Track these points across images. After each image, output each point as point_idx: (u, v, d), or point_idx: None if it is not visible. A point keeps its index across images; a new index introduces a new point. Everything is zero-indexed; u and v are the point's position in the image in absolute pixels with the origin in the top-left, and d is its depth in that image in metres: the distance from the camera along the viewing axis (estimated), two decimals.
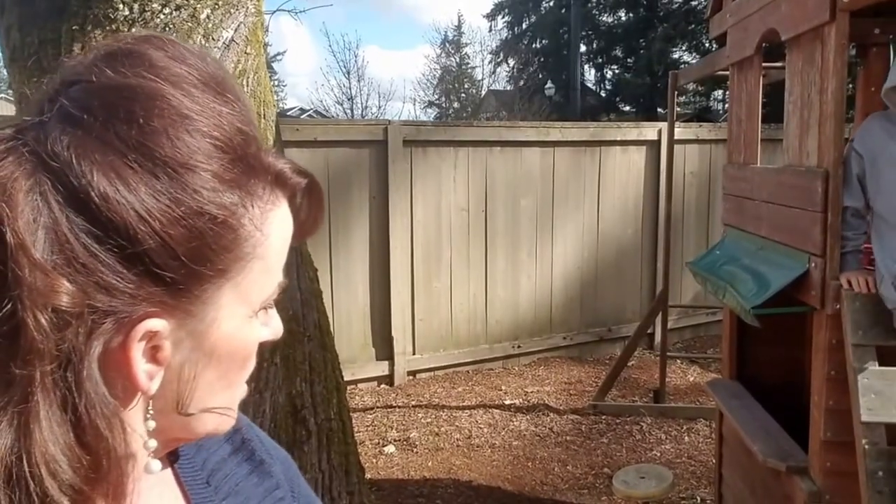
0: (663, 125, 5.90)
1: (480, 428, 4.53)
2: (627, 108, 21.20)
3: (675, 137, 5.74)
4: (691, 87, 17.98)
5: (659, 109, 18.59)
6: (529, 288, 5.64)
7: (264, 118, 2.39)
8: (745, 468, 3.09)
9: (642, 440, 4.39)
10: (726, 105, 19.34)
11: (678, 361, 5.63)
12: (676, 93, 4.82)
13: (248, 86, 2.24)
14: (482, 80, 28.07)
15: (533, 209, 5.58)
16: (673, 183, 5.76)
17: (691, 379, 5.38)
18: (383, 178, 4.97)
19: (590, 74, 23.27)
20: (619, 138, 5.75)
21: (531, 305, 5.66)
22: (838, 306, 2.31)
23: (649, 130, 5.86)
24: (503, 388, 5.24)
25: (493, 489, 3.68)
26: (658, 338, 5.82)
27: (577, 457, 4.17)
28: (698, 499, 3.68)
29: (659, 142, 5.80)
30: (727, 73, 3.53)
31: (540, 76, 22.40)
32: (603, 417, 4.69)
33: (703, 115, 18.33)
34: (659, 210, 5.84)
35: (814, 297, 2.41)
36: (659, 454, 4.19)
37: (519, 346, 5.64)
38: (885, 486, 2.01)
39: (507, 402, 4.97)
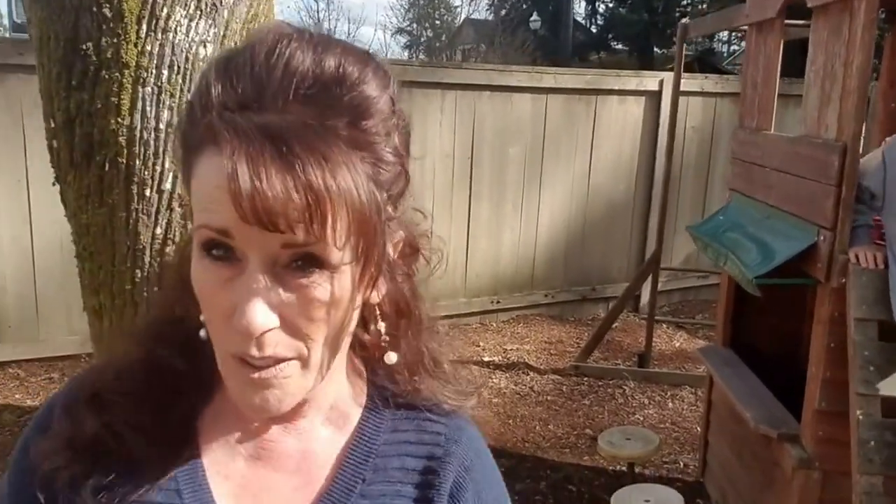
0: (666, 75, 6.08)
1: None
2: (619, 46, 21.20)
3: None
4: None
5: (655, 49, 18.64)
6: (513, 241, 5.85)
7: None
8: (734, 435, 3.38)
9: (625, 404, 4.69)
10: (732, 47, 19.27)
11: (664, 326, 5.93)
12: (674, 33, 4.92)
13: None
14: (459, 7, 27.77)
15: (521, 159, 5.75)
16: (671, 135, 5.97)
17: (677, 345, 5.70)
18: None
19: (579, 7, 23.22)
20: (617, 87, 5.90)
21: (513, 260, 5.88)
22: (843, 280, 2.56)
23: (650, 80, 6.02)
24: (481, 344, 5.49)
25: None
26: (644, 300, 6.13)
27: (558, 417, 4.45)
28: (681, 464, 3.99)
29: (660, 93, 5.98)
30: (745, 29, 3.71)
31: (524, 6, 22.26)
32: (585, 379, 4.98)
33: (705, 57, 18.38)
34: (655, 166, 6.06)
35: (819, 270, 2.65)
36: (642, 419, 4.50)
37: (498, 302, 5.88)
38: (875, 454, 2.28)
39: (486, 358, 5.22)
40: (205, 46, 2.55)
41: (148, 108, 2.49)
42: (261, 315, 0.58)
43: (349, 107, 0.61)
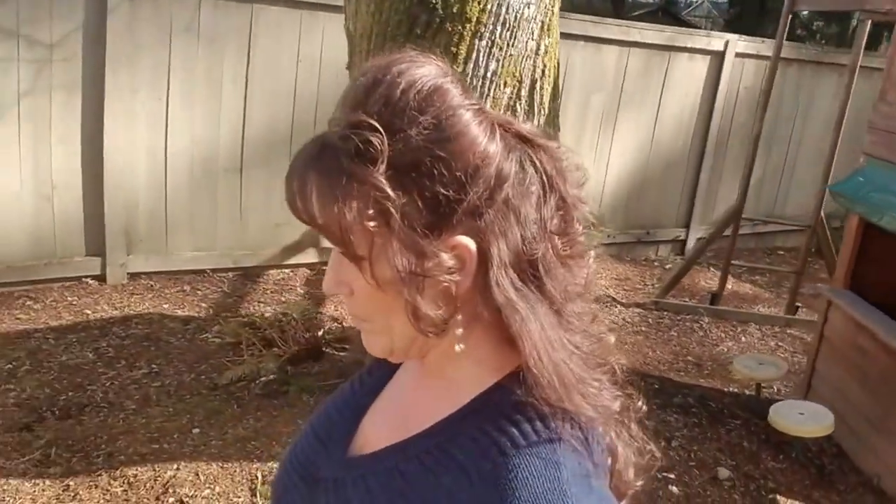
0: (730, 37, 6.66)
1: None
2: None
3: (737, 51, 6.51)
4: None
5: None
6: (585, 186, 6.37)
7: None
8: (854, 362, 4.07)
9: (705, 337, 5.37)
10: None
11: (712, 270, 6.63)
12: None
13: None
14: None
15: (600, 108, 6.24)
16: (727, 96, 6.60)
17: (729, 287, 6.38)
18: None
19: None
20: (689, 45, 6.43)
21: None
22: None
23: (717, 41, 6.56)
24: None
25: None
26: (689, 245, 6.86)
27: (658, 345, 5.09)
28: (775, 388, 4.69)
29: (723, 53, 6.54)
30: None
31: None
32: (665, 314, 5.63)
33: (669, 8, 18.99)
34: (711, 125, 6.68)
35: None
36: (725, 349, 5.18)
37: None
38: None
39: None
40: (529, 7, 2.96)
41: (481, 59, 2.91)
42: (325, 283, 0.83)
43: (353, 145, 0.73)
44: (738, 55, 6.60)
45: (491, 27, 2.90)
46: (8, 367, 3.94)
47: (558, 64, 3.39)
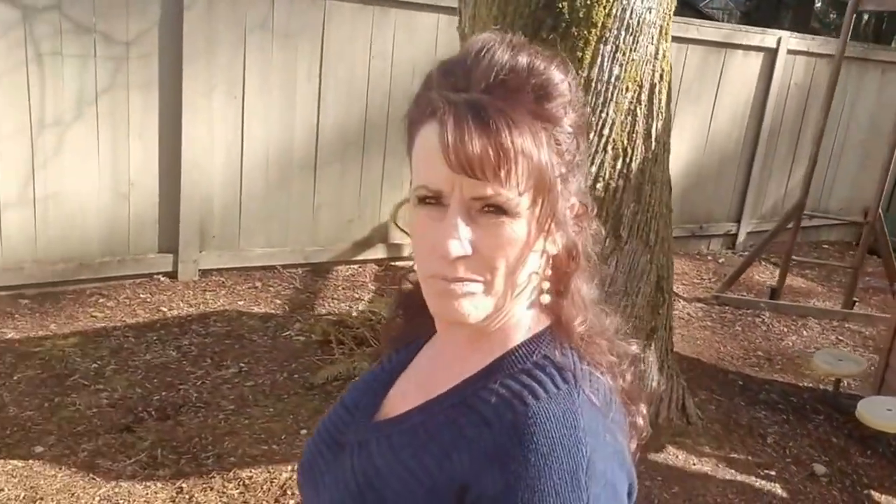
0: (783, 34, 6.66)
1: None
2: None
3: (789, 48, 6.52)
4: None
5: None
6: None
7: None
8: None
9: (768, 331, 5.40)
10: None
11: (762, 263, 6.66)
12: None
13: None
14: None
15: None
16: (778, 93, 6.61)
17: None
18: None
19: None
20: (744, 42, 6.42)
21: None
22: None
23: (770, 38, 6.55)
24: None
25: (693, 360, 4.55)
26: (740, 239, 6.91)
27: (726, 340, 5.11)
28: (845, 382, 4.72)
29: (776, 51, 6.53)
30: None
31: None
32: (726, 308, 5.65)
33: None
34: (764, 121, 6.67)
35: None
36: (790, 344, 5.21)
37: None
38: None
39: None
40: (650, 12, 2.97)
41: (605, 64, 2.91)
42: (455, 244, 0.77)
43: (535, 89, 0.79)
44: (789, 52, 6.59)
45: (615, 32, 2.90)
46: (94, 367, 3.95)
47: (671, 68, 3.39)
